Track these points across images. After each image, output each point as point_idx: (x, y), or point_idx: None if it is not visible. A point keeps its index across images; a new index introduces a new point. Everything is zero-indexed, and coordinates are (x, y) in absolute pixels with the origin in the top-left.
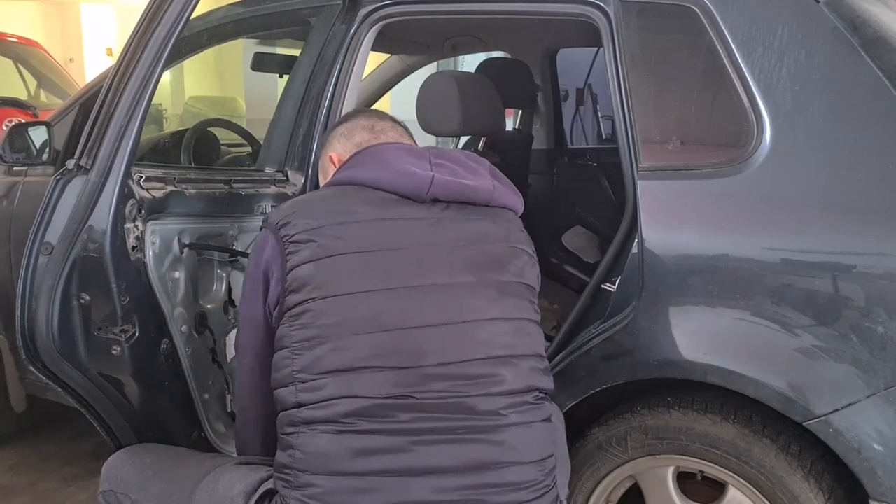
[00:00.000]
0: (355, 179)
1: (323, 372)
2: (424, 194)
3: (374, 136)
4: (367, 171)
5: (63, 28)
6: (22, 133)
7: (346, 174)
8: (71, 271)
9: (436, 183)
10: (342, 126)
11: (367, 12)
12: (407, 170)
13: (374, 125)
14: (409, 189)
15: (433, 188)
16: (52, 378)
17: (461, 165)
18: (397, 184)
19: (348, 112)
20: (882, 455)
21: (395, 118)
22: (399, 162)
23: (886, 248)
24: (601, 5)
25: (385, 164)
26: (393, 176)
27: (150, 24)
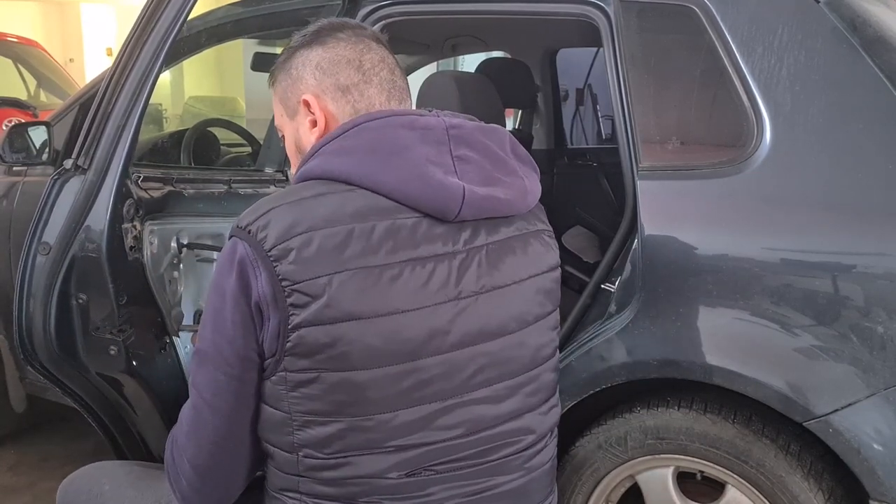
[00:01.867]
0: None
1: (336, 452)
2: (453, 216)
3: (364, 79)
4: (376, 171)
5: (63, 28)
6: (22, 133)
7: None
8: (68, 271)
9: (468, 202)
10: (315, 51)
11: (367, 12)
12: (433, 178)
13: (360, 60)
14: (435, 207)
15: (464, 210)
16: (50, 378)
17: (488, 156)
18: (420, 198)
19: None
20: (882, 455)
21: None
22: (417, 159)
23: (886, 248)
24: (601, 5)
25: (400, 163)
26: (415, 186)
27: (147, 23)
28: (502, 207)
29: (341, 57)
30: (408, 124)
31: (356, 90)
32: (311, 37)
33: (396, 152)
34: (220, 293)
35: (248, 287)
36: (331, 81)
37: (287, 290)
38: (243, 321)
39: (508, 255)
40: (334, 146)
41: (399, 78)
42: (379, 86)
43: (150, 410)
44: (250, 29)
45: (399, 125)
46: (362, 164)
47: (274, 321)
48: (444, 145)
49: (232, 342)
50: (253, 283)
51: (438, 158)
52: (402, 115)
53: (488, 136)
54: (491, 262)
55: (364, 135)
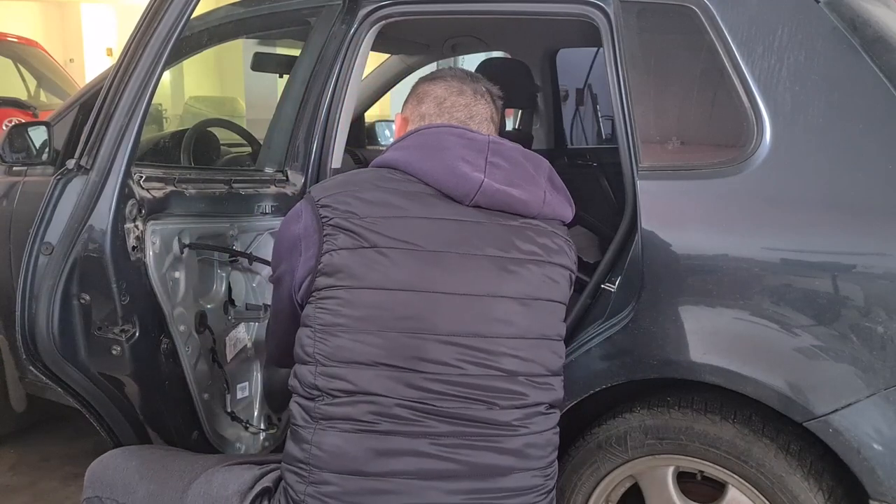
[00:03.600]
0: (406, 167)
1: (342, 361)
2: (468, 200)
3: (438, 113)
4: (418, 160)
5: (63, 28)
6: (22, 133)
7: (397, 156)
8: (71, 271)
9: (483, 191)
10: (424, 85)
11: (367, 12)
12: (458, 169)
13: (445, 99)
14: (455, 191)
15: (479, 196)
16: (53, 378)
17: (518, 168)
18: (444, 182)
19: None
20: (882, 455)
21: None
22: (453, 156)
23: (886, 248)
24: (601, 5)
25: (438, 157)
26: (442, 173)
27: (150, 24)
28: (515, 204)
29: (433, 92)
30: (457, 133)
31: (428, 119)
32: (434, 75)
33: (438, 150)
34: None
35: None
36: (418, 109)
37: (324, 224)
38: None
39: (517, 237)
40: (397, 145)
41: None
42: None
43: (152, 411)
44: (250, 29)
45: (448, 133)
46: (411, 155)
47: (313, 248)
48: (482, 153)
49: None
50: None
51: (473, 159)
52: (455, 128)
53: (525, 157)
54: (499, 236)
55: (419, 138)
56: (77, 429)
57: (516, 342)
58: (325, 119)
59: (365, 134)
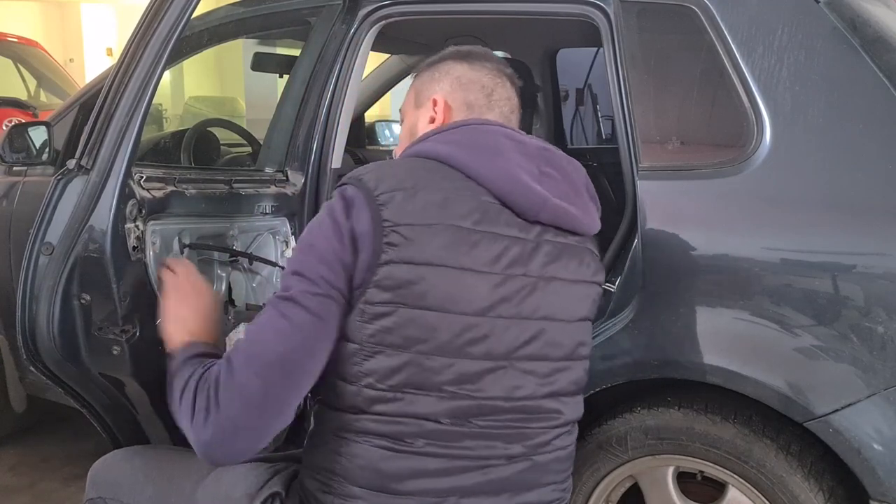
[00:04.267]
0: (462, 166)
1: (395, 385)
2: (533, 215)
3: (488, 105)
4: (475, 161)
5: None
6: (22, 133)
7: (449, 151)
8: (72, 271)
9: (547, 208)
10: (461, 66)
11: (367, 12)
12: (521, 179)
13: (493, 90)
14: (519, 204)
15: (543, 213)
16: (53, 378)
17: (567, 180)
18: (507, 193)
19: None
20: (882, 455)
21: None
22: (512, 164)
23: (886, 248)
24: (601, 5)
25: (497, 162)
26: (505, 182)
27: (150, 23)
28: (573, 221)
29: (479, 80)
30: (508, 135)
31: (478, 110)
32: (464, 53)
33: (495, 153)
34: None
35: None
36: (462, 95)
37: (387, 229)
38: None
39: (570, 256)
40: (443, 136)
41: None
42: (497, 114)
43: (152, 411)
44: (250, 29)
45: (501, 134)
46: (464, 153)
47: (366, 255)
48: (535, 160)
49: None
50: (355, 218)
51: (528, 167)
52: (504, 128)
53: (570, 165)
54: (555, 256)
55: (470, 133)
56: (77, 430)
57: (562, 363)
58: (325, 119)
59: (365, 134)
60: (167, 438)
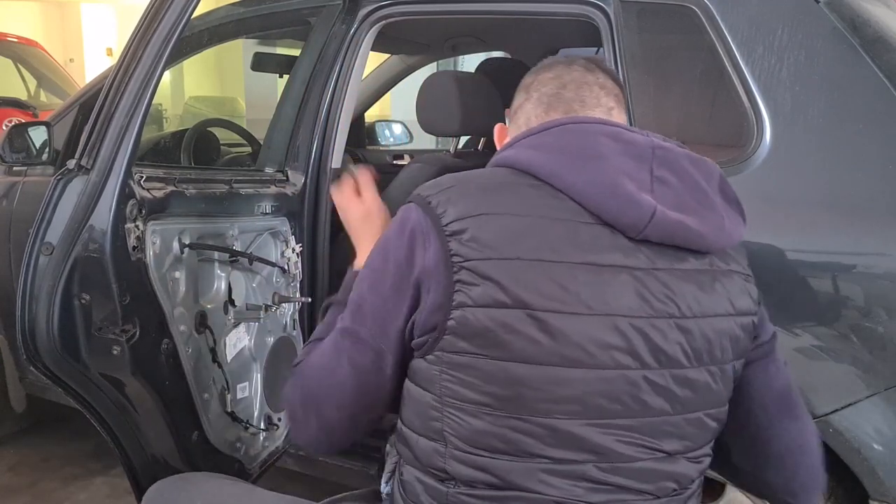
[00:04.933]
0: (549, 177)
1: (484, 449)
2: (637, 233)
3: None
4: (566, 169)
5: (63, 28)
6: (22, 133)
7: (535, 158)
8: (71, 271)
9: (655, 222)
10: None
11: (367, 12)
12: (623, 189)
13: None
14: (620, 220)
15: (650, 229)
16: (53, 378)
17: (689, 185)
18: (605, 206)
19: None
20: (882, 455)
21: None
22: (613, 169)
23: (886, 248)
24: (601, 5)
25: (594, 168)
26: (602, 193)
27: (151, 23)
28: (692, 237)
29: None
30: (612, 134)
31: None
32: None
33: (592, 158)
34: (384, 254)
35: (412, 257)
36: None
37: (457, 265)
38: (398, 289)
39: (692, 286)
40: (532, 140)
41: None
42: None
43: (152, 411)
44: (250, 29)
45: (601, 133)
46: (554, 161)
47: (434, 296)
48: (646, 163)
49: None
50: (419, 254)
51: (636, 174)
52: (607, 125)
53: (695, 165)
54: (671, 288)
55: (563, 136)
56: (77, 429)
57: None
58: (325, 119)
59: (365, 134)
60: (168, 438)
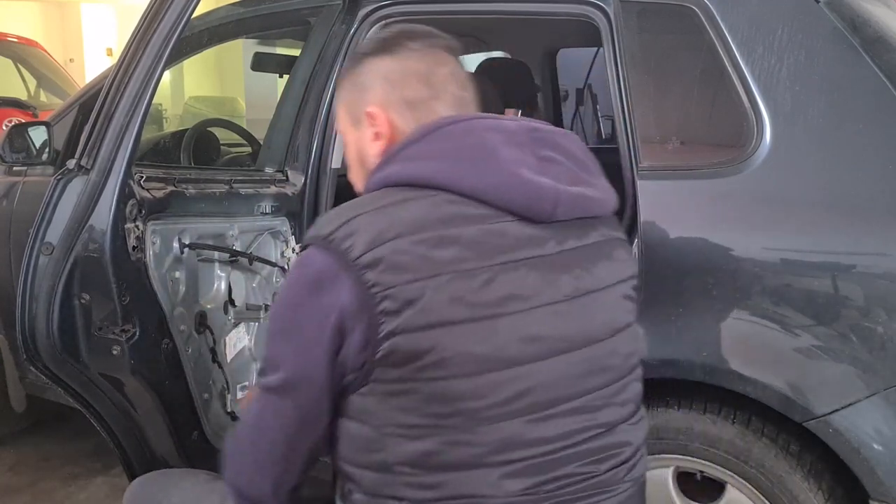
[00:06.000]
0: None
1: (437, 467)
2: (548, 217)
3: (432, 94)
4: (469, 174)
5: (63, 28)
6: (22, 133)
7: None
8: (71, 271)
9: (562, 202)
10: (384, 61)
11: (367, 12)
12: (526, 179)
13: (430, 73)
14: (531, 210)
15: (559, 209)
16: (53, 378)
17: (572, 158)
18: (515, 201)
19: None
20: (882, 455)
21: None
22: (509, 160)
23: (886, 248)
24: (601, 5)
25: (493, 166)
26: (506, 186)
27: (151, 23)
28: (594, 206)
29: (411, 70)
30: (493, 127)
31: (424, 106)
32: (381, 44)
33: (486, 155)
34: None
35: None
36: (398, 95)
37: (378, 296)
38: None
39: (600, 259)
40: (414, 151)
41: (468, 92)
42: (447, 102)
43: (152, 410)
44: (250, 29)
45: (484, 128)
46: (450, 168)
47: (360, 334)
48: (528, 147)
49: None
50: (332, 297)
51: (525, 160)
52: (485, 119)
53: (567, 139)
54: (584, 265)
55: (449, 138)
56: (77, 429)
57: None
58: (325, 119)
59: None
60: (167, 438)
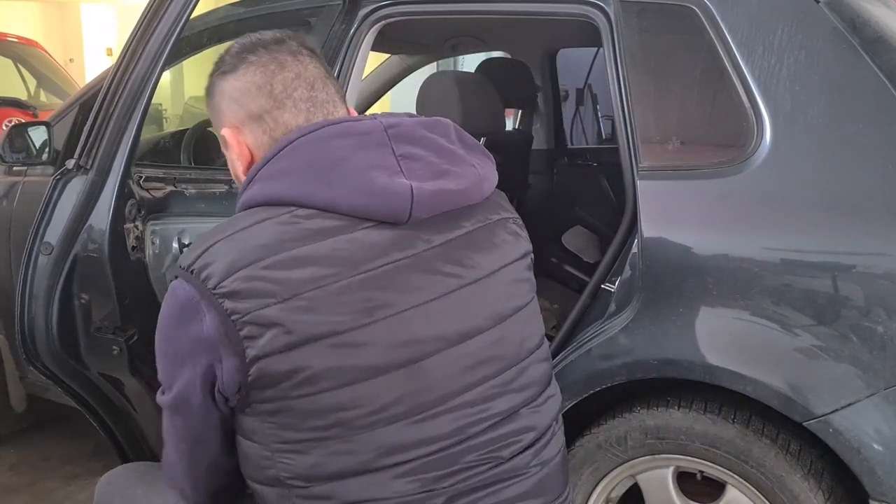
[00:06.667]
0: (306, 200)
1: (325, 478)
2: (405, 218)
3: (277, 104)
4: (318, 189)
5: (63, 28)
6: (22, 133)
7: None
8: (71, 271)
9: (419, 202)
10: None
11: (367, 12)
12: (379, 184)
13: (271, 83)
14: (384, 214)
15: (416, 209)
16: (52, 378)
17: (435, 149)
18: (366, 208)
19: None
20: (882, 455)
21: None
22: (358, 167)
23: (886, 248)
24: (601, 5)
25: (341, 176)
26: (357, 195)
27: (149, 23)
28: (457, 199)
29: (250, 84)
30: (342, 132)
31: (269, 117)
32: (223, 64)
33: (334, 165)
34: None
35: (189, 333)
36: (244, 112)
37: (238, 323)
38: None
39: (474, 249)
40: (270, 169)
41: (321, 90)
42: (294, 108)
43: (152, 410)
44: (250, 29)
45: (332, 135)
46: (301, 183)
47: (228, 361)
48: (386, 146)
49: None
50: (196, 328)
51: (382, 161)
52: (335, 124)
53: (431, 129)
54: (456, 259)
55: (298, 152)
56: (77, 429)
57: (509, 374)
58: None
59: None
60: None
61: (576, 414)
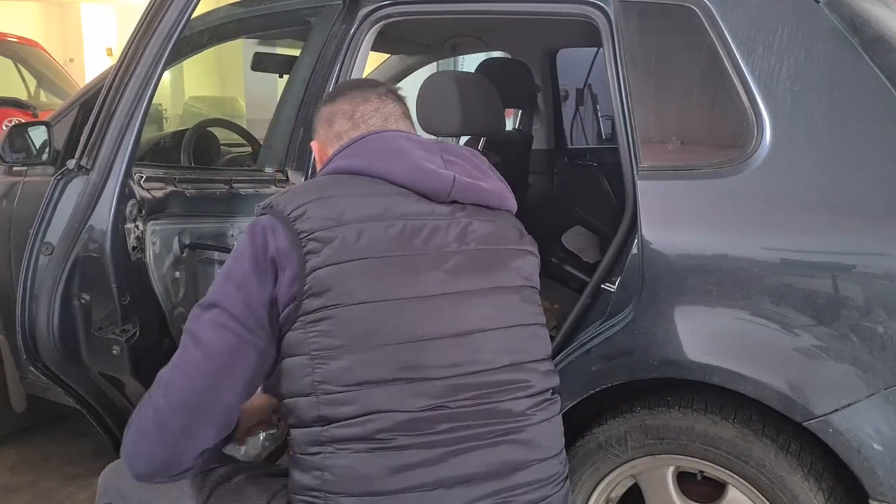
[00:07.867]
0: (367, 170)
1: (351, 385)
2: (446, 196)
3: (353, 126)
4: (377, 161)
5: (63, 28)
6: (22, 133)
7: (353, 162)
8: (71, 271)
9: (457, 185)
10: (325, 108)
11: (367, 12)
12: (425, 166)
13: (353, 112)
14: (430, 188)
15: (455, 191)
16: (53, 378)
17: (471, 164)
18: (416, 180)
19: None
20: (882, 455)
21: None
22: (413, 156)
23: (886, 248)
24: (601, 5)
25: (399, 157)
26: (411, 171)
27: (150, 23)
28: (487, 196)
29: (339, 110)
30: (406, 137)
31: (346, 136)
32: (327, 95)
33: (397, 152)
34: (239, 254)
35: (266, 245)
36: (331, 132)
37: (304, 239)
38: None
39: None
40: (347, 151)
41: (393, 123)
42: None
43: None
44: (250, 29)
45: (396, 137)
46: (367, 159)
47: (290, 271)
48: (437, 153)
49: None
50: (271, 241)
51: (432, 159)
52: (398, 132)
53: (472, 154)
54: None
55: (368, 143)
56: (77, 429)
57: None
58: None
59: None
60: None
61: (576, 414)
